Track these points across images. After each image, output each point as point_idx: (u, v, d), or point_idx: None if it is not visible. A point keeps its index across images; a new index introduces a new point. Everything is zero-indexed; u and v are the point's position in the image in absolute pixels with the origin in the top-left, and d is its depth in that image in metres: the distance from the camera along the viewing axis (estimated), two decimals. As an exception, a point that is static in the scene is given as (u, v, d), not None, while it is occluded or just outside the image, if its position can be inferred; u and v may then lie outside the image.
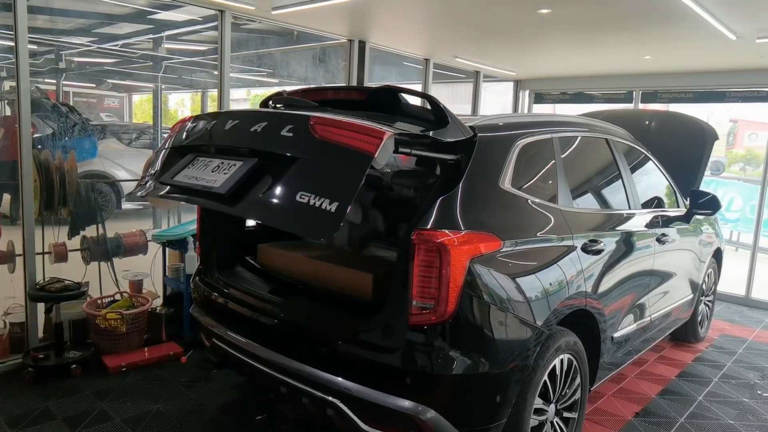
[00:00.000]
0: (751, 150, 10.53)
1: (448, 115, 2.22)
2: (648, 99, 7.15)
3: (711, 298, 4.83)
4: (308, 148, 1.96)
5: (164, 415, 3.03)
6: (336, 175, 1.87)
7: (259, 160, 2.08)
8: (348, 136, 1.90)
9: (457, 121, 2.25)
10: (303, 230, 1.81)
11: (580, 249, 2.62)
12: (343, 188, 1.81)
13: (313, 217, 1.78)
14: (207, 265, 2.91)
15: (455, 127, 2.22)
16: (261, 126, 2.13)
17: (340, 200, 1.77)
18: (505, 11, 4.35)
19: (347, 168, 1.84)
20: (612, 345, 3.00)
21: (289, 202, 1.87)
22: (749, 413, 3.44)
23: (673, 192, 4.04)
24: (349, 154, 1.86)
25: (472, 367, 2.06)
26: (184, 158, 2.41)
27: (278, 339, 2.43)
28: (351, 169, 1.83)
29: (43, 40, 7.26)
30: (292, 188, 1.88)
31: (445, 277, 1.99)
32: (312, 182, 1.87)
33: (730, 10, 3.94)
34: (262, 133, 2.12)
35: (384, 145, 1.84)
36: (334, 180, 1.86)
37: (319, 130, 1.96)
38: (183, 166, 2.36)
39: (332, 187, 1.82)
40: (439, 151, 2.18)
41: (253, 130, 2.14)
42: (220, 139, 2.30)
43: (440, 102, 2.23)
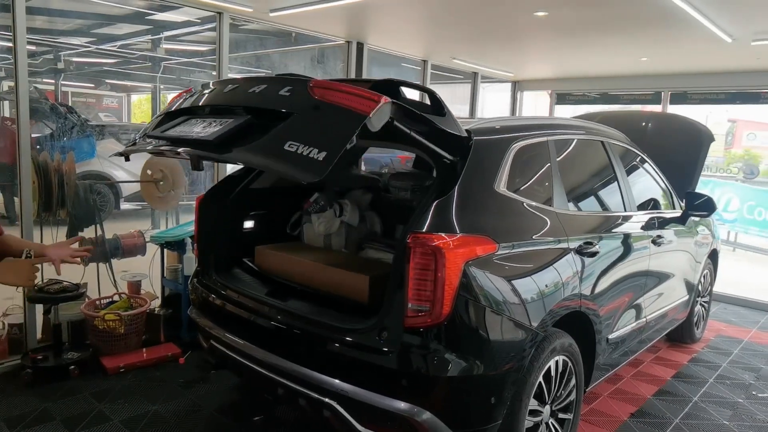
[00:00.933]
0: (750, 150, 10.55)
1: (445, 107, 2.21)
2: (645, 101, 7.17)
3: (707, 298, 4.85)
4: (304, 106, 1.93)
5: (162, 416, 3.05)
6: (328, 129, 1.84)
7: (252, 116, 2.04)
8: (345, 98, 1.88)
9: (454, 118, 2.26)
10: (288, 171, 1.76)
11: (576, 251, 2.64)
12: (332, 141, 1.77)
13: (300, 162, 1.75)
14: (205, 266, 2.93)
15: (452, 120, 2.22)
16: (259, 88, 2.12)
17: (328, 150, 1.74)
18: (503, 14, 4.37)
19: (340, 124, 1.81)
20: (607, 346, 3.02)
21: (277, 149, 1.83)
22: (744, 414, 3.46)
23: (669, 194, 4.06)
24: (343, 112, 1.84)
25: (468, 369, 2.08)
26: (177, 119, 2.38)
27: (275, 341, 2.44)
28: (343, 126, 1.80)
29: (41, 40, 7.26)
30: (282, 138, 1.84)
31: (441, 280, 2.01)
32: (302, 134, 1.83)
33: (725, 13, 3.96)
34: (259, 93, 2.10)
35: (381, 108, 1.82)
36: (324, 134, 1.82)
37: (317, 92, 1.94)
38: (174, 124, 2.33)
39: (322, 139, 1.79)
40: (432, 139, 2.14)
41: (251, 91, 2.13)
42: (216, 101, 2.26)
43: (438, 95, 2.23)
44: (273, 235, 3.16)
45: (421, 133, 2.08)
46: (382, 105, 1.83)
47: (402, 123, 1.97)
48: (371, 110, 1.80)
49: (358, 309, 2.40)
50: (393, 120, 1.92)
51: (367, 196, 3.26)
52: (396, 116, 1.93)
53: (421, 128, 2.09)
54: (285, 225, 3.25)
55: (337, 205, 3.07)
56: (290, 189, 3.24)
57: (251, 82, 2.18)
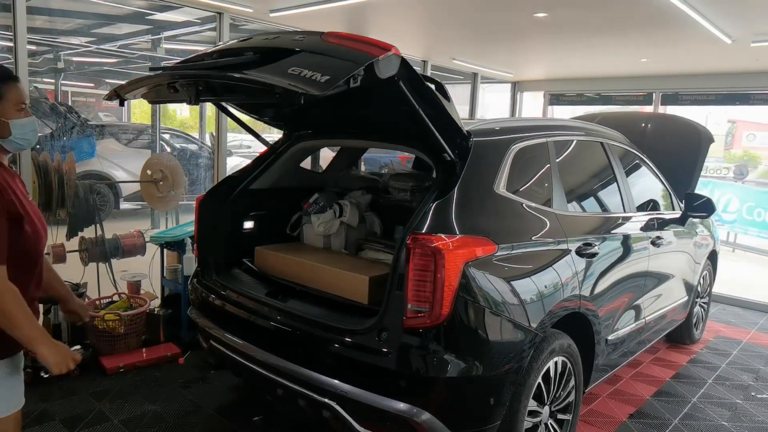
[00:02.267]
0: (749, 150, 10.56)
1: (448, 93, 2.20)
2: (648, 100, 7.18)
3: (706, 299, 4.85)
4: (314, 46, 1.92)
5: (162, 416, 3.05)
6: (334, 63, 1.80)
7: (261, 55, 2.01)
8: (356, 45, 1.85)
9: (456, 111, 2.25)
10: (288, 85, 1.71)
11: (575, 252, 2.64)
12: (337, 69, 1.74)
13: (301, 80, 1.72)
14: (205, 266, 2.93)
15: (454, 110, 2.21)
16: (275, 36, 2.14)
17: (331, 75, 1.71)
18: (503, 15, 4.37)
19: (347, 60, 1.78)
20: (606, 347, 3.02)
21: (280, 70, 1.81)
22: (743, 414, 3.47)
23: (669, 194, 4.07)
24: (352, 53, 1.81)
25: (467, 370, 2.08)
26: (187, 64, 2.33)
27: (275, 341, 2.45)
28: (351, 61, 1.77)
29: (41, 40, 7.26)
30: (287, 64, 1.83)
31: (440, 281, 2.01)
32: (308, 63, 1.80)
33: (725, 15, 3.96)
34: (273, 39, 2.11)
35: (390, 56, 1.79)
36: (330, 66, 1.78)
37: (330, 38, 1.92)
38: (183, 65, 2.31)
39: (327, 68, 1.75)
40: (434, 121, 2.11)
41: (266, 38, 2.14)
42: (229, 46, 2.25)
43: (445, 86, 2.22)
44: (273, 235, 3.17)
45: (423, 108, 2.04)
46: (392, 54, 1.80)
47: (406, 87, 1.94)
48: (381, 54, 1.78)
49: (358, 310, 2.40)
50: (398, 80, 1.88)
51: (366, 197, 3.26)
52: (401, 76, 1.89)
53: (425, 102, 2.05)
54: (284, 226, 3.26)
55: (336, 206, 3.07)
56: (290, 190, 3.25)
57: (267, 34, 2.19)
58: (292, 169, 3.22)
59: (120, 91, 2.37)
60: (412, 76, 1.94)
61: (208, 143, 9.18)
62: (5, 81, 1.71)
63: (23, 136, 1.75)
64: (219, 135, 4.76)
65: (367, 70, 1.75)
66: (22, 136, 1.74)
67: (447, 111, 2.13)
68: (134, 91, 2.36)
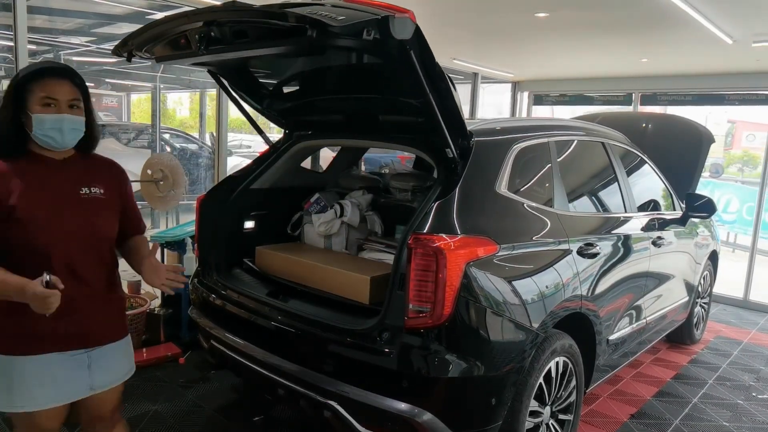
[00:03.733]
0: (749, 151, 10.57)
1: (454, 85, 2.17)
2: (647, 101, 7.18)
3: (707, 299, 4.85)
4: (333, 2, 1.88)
5: (162, 416, 3.05)
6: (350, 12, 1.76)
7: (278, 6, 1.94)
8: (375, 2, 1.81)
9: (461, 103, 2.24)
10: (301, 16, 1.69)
11: (576, 252, 2.64)
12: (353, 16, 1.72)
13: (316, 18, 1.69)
14: (205, 266, 2.93)
15: (459, 100, 2.19)
16: None
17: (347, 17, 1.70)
18: (503, 15, 4.37)
19: (364, 12, 1.75)
20: (607, 347, 3.02)
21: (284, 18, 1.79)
22: (744, 415, 3.46)
23: (669, 195, 4.07)
24: (371, 9, 1.77)
25: (468, 370, 2.08)
26: None
27: (276, 341, 2.45)
28: (367, 13, 1.74)
29: (42, 40, 7.26)
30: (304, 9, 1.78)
31: (442, 281, 2.01)
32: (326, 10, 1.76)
33: (726, 15, 3.96)
34: None
35: (406, 18, 1.77)
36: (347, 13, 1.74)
37: None
38: None
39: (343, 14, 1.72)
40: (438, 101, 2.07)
41: None
42: None
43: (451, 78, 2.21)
44: (273, 235, 3.16)
45: (430, 87, 2.01)
46: (408, 17, 1.78)
47: (417, 59, 1.90)
48: (397, 13, 1.75)
49: (359, 310, 2.40)
50: (409, 48, 1.85)
51: (367, 197, 3.26)
52: (413, 46, 1.86)
53: (433, 82, 2.01)
54: (285, 225, 3.25)
55: (337, 206, 3.07)
56: (291, 189, 3.24)
57: None
58: (293, 168, 3.22)
59: (131, 40, 2.30)
60: (424, 49, 1.91)
61: (208, 143, 9.18)
62: (35, 74, 1.72)
63: (43, 132, 1.72)
64: (219, 134, 4.75)
65: (382, 25, 1.73)
66: (42, 132, 1.72)
67: (453, 98, 2.11)
68: (145, 41, 2.28)
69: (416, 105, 2.36)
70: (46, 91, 1.71)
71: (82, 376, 1.81)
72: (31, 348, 1.72)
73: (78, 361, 1.80)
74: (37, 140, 1.74)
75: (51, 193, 1.74)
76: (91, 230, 1.80)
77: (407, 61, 1.89)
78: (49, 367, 1.74)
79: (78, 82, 1.79)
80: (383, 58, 2.06)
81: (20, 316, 1.67)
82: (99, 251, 1.84)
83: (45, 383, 1.74)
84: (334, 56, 2.43)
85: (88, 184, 1.82)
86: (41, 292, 1.52)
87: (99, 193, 1.84)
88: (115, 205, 1.91)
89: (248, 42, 2.02)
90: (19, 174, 1.71)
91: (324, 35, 1.71)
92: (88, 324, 1.81)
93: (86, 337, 1.81)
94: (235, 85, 2.90)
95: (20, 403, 1.73)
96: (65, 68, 1.79)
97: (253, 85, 2.93)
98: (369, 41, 1.75)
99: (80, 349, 1.80)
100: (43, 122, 1.71)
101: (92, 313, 1.82)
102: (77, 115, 1.77)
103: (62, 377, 1.77)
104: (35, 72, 1.73)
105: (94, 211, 1.81)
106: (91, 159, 1.92)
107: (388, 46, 1.81)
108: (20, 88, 1.72)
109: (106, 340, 1.87)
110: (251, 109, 3.09)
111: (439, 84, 2.05)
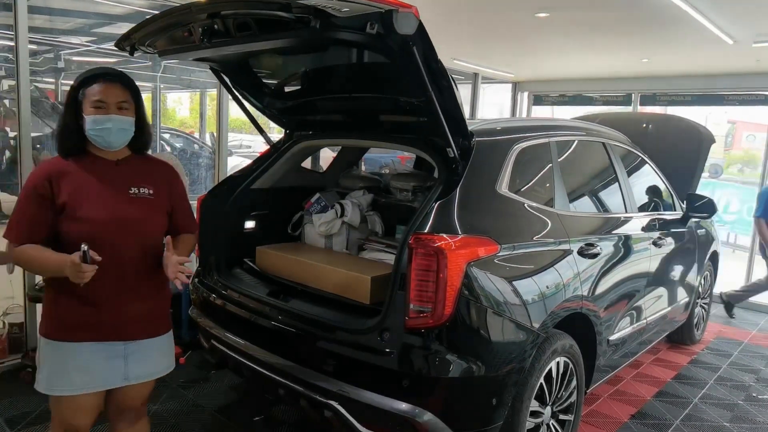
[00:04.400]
0: (749, 151, 10.56)
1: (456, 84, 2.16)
2: (647, 101, 7.18)
3: (707, 300, 4.85)
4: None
5: (162, 416, 3.05)
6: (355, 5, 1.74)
7: None
8: None
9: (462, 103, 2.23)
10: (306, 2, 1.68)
11: (577, 252, 2.64)
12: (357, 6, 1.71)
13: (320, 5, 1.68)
14: (206, 266, 2.93)
15: (460, 99, 2.19)
16: None
17: (350, 8, 1.70)
18: (504, 15, 4.37)
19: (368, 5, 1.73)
20: (608, 347, 3.02)
21: None
22: (744, 415, 3.46)
23: (670, 195, 4.07)
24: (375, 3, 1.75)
25: (469, 370, 2.08)
26: None
27: (276, 341, 2.45)
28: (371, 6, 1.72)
29: (42, 39, 7.25)
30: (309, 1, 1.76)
31: (443, 281, 2.01)
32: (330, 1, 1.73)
33: (727, 15, 3.96)
34: None
35: (410, 13, 1.76)
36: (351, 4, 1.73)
37: None
38: None
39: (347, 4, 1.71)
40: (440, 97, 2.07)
41: None
42: None
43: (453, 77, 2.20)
44: (274, 235, 3.16)
45: (432, 84, 2.00)
46: (411, 11, 1.78)
47: (420, 56, 1.90)
48: (400, 8, 1.75)
49: (360, 310, 2.40)
50: (412, 44, 1.85)
51: (368, 197, 3.26)
52: (415, 41, 1.86)
53: (435, 79, 2.01)
54: (286, 225, 3.25)
55: (338, 206, 3.07)
56: (291, 189, 3.24)
57: None
58: (294, 168, 3.21)
59: (133, 34, 2.31)
60: (427, 46, 1.91)
61: (209, 143, 9.17)
62: (88, 79, 1.85)
63: (94, 132, 1.83)
64: (220, 134, 4.75)
65: (385, 18, 1.73)
66: (93, 132, 1.84)
67: (455, 96, 2.11)
68: (148, 35, 2.28)
69: (417, 104, 2.36)
70: (98, 94, 1.83)
71: (117, 365, 1.90)
72: (72, 335, 1.83)
73: (114, 351, 1.89)
74: (91, 140, 1.86)
75: (102, 192, 1.84)
76: (138, 229, 1.88)
77: (409, 56, 1.89)
78: (86, 354, 1.84)
79: (128, 85, 1.91)
80: (385, 53, 2.06)
81: (64, 306, 1.83)
82: (144, 249, 1.91)
83: (82, 369, 1.84)
84: (335, 53, 2.43)
85: (137, 185, 1.92)
86: (78, 264, 1.64)
87: (148, 193, 1.93)
88: (164, 205, 1.99)
89: (251, 34, 2.02)
90: (75, 172, 1.84)
91: (327, 26, 1.70)
92: (127, 318, 1.89)
93: (124, 330, 1.90)
94: (237, 82, 2.90)
95: (59, 386, 1.84)
96: (116, 72, 1.91)
97: (255, 83, 2.93)
98: (372, 35, 1.75)
99: (117, 340, 1.89)
100: (94, 123, 1.83)
101: (133, 308, 1.90)
102: (126, 116, 1.87)
103: (98, 365, 1.86)
104: (89, 77, 1.85)
105: (141, 210, 1.90)
106: (143, 159, 2.02)
107: (390, 41, 1.80)
108: (76, 93, 1.85)
109: (144, 335, 1.95)
110: (253, 109, 3.09)
111: (441, 81, 2.05)
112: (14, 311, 3.75)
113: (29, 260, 1.79)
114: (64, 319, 1.85)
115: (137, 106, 1.93)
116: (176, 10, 2.08)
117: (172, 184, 2.05)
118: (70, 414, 1.89)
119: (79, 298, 1.82)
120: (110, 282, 1.81)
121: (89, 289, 1.76)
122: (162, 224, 1.98)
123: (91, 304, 1.83)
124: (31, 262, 1.80)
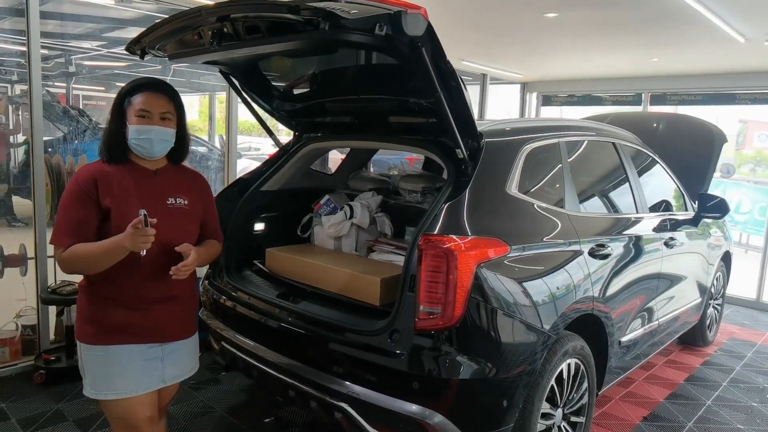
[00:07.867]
0: (761, 151, 10.44)
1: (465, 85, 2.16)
2: (657, 101, 7.13)
3: (720, 301, 4.80)
4: None
5: (173, 417, 3.06)
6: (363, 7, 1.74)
7: None
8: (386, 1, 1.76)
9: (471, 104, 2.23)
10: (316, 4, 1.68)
11: (588, 253, 2.62)
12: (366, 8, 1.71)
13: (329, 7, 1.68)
14: (216, 268, 2.94)
15: (470, 100, 2.19)
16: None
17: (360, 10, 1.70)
18: (512, 16, 4.36)
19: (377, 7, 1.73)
20: (619, 349, 3.00)
21: None
22: (758, 417, 3.42)
23: (681, 195, 4.03)
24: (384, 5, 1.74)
25: (480, 372, 2.07)
26: None
27: (286, 342, 2.45)
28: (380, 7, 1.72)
29: (54, 44, 7.33)
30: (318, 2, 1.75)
31: (453, 282, 2.00)
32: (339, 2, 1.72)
33: (738, 13, 3.93)
34: None
35: (419, 15, 1.76)
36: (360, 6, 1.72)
37: None
38: None
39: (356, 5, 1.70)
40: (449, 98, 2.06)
41: None
42: None
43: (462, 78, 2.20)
44: (283, 237, 3.17)
45: (441, 85, 2.00)
46: (420, 13, 1.78)
47: (429, 57, 1.90)
48: (409, 9, 1.74)
49: (369, 311, 2.40)
50: (421, 45, 1.85)
51: (377, 198, 3.26)
52: (425, 43, 1.85)
53: (444, 81, 2.00)
54: (295, 227, 3.26)
55: (347, 207, 3.07)
56: (300, 191, 3.25)
57: None
58: (303, 170, 3.22)
59: (144, 37, 2.33)
60: (436, 47, 1.91)
61: (218, 145, 9.21)
62: (134, 89, 1.89)
63: (136, 142, 1.88)
64: (229, 137, 4.78)
65: (394, 20, 1.73)
66: (135, 142, 1.88)
67: (464, 97, 2.11)
68: (158, 38, 2.30)
69: (426, 105, 2.36)
70: (142, 104, 1.87)
71: (156, 367, 1.95)
72: (113, 339, 1.87)
73: (153, 353, 1.94)
74: (132, 149, 1.90)
75: (141, 201, 1.87)
76: (174, 237, 1.91)
77: (419, 57, 1.89)
78: (128, 358, 1.89)
79: (172, 97, 1.94)
80: (394, 54, 2.06)
81: (103, 309, 1.87)
82: (180, 256, 1.92)
83: (123, 373, 1.88)
84: (344, 55, 2.43)
85: (174, 195, 1.98)
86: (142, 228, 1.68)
87: (183, 204, 1.99)
88: (197, 216, 2.05)
89: (261, 37, 2.03)
90: (118, 179, 1.88)
91: (336, 28, 1.71)
92: (165, 321, 1.95)
93: (162, 333, 1.96)
94: (246, 85, 2.91)
95: (104, 390, 1.89)
96: (161, 83, 1.94)
97: (264, 85, 2.94)
98: (381, 37, 1.75)
99: (155, 343, 1.95)
100: (137, 132, 1.87)
101: (169, 312, 1.96)
102: (168, 127, 1.92)
103: (139, 368, 1.91)
104: (135, 87, 1.90)
105: (177, 220, 1.96)
106: (179, 170, 2.07)
107: (399, 42, 1.80)
108: (122, 101, 1.90)
109: (179, 336, 2.02)
110: (262, 111, 3.10)
111: (450, 82, 2.04)
112: (27, 314, 3.79)
113: (82, 256, 1.78)
114: (103, 323, 1.87)
115: (179, 118, 1.97)
116: (186, 14, 2.10)
117: (205, 195, 2.11)
118: (128, 412, 1.90)
119: (118, 302, 1.87)
120: (150, 286, 1.89)
121: (129, 293, 1.85)
122: (195, 233, 2.04)
123: (131, 307, 1.88)
124: (85, 257, 1.78)
